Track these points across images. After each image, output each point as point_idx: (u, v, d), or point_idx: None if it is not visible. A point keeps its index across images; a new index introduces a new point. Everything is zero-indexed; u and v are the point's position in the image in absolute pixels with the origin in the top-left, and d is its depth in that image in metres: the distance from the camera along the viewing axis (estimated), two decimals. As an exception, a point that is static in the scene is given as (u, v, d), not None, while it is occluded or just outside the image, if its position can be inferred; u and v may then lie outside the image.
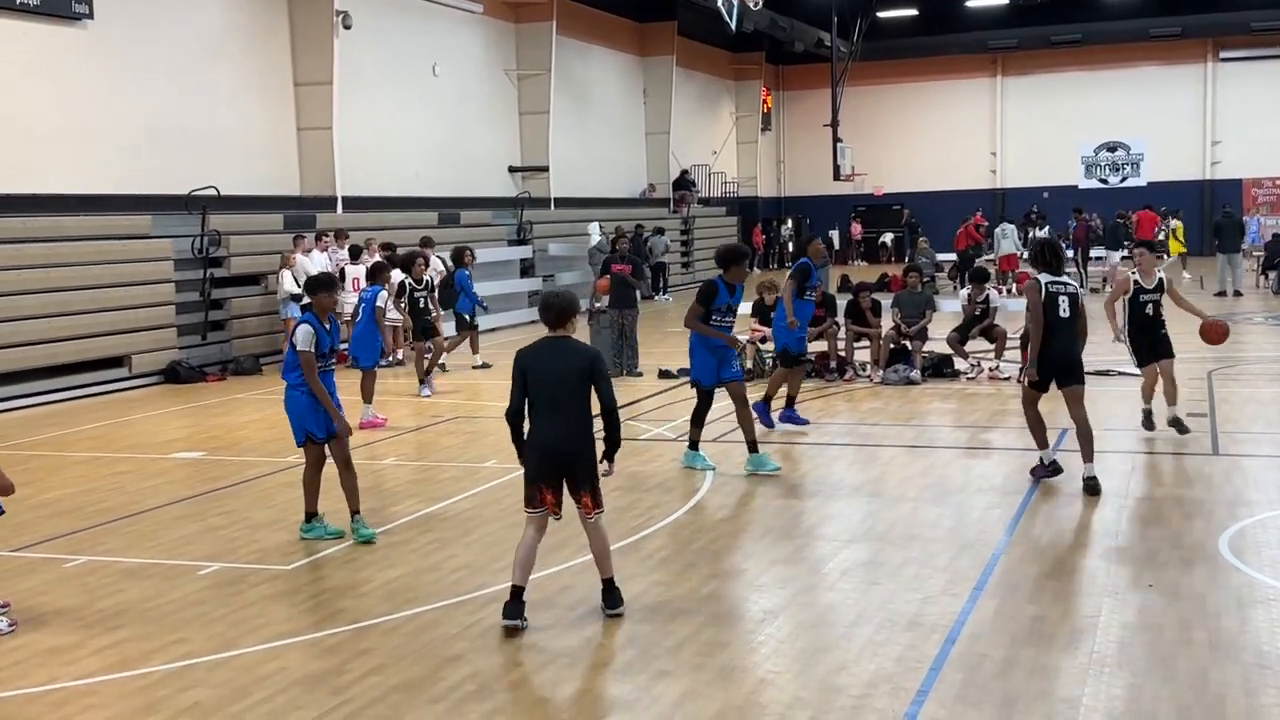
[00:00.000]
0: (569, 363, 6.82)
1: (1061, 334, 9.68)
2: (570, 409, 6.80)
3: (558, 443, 6.83)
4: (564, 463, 6.86)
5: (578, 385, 6.79)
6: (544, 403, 6.84)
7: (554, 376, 6.82)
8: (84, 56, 18.55)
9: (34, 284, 16.46)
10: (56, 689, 6.14)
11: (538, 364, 6.88)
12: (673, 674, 6.12)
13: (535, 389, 6.85)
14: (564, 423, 6.81)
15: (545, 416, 6.85)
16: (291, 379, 8.65)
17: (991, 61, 46.37)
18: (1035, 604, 7.06)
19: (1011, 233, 30.04)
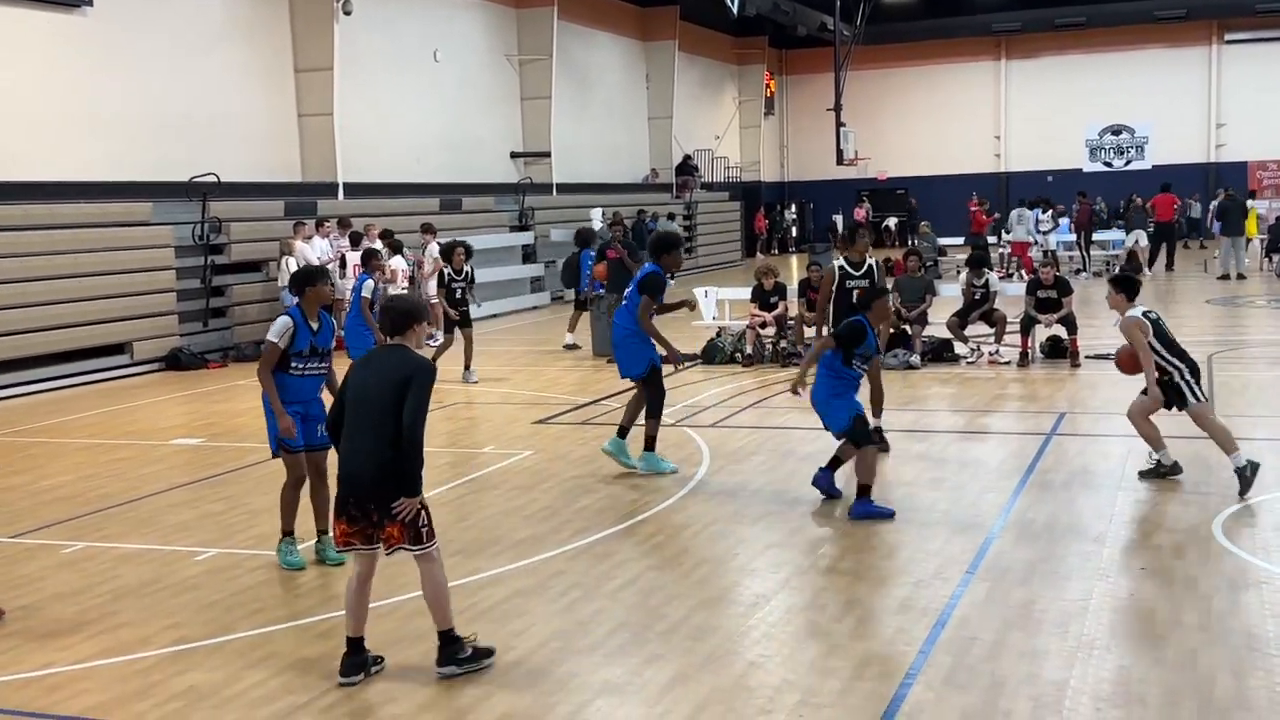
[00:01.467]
0: (389, 375, 5.83)
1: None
2: (374, 429, 5.80)
3: (359, 467, 5.84)
4: (365, 492, 5.84)
5: (392, 401, 5.78)
6: (350, 420, 5.93)
7: (365, 390, 5.90)
8: (83, 43, 18.56)
9: (36, 271, 16.50)
10: (51, 674, 6.19)
11: (356, 374, 6.02)
12: (664, 657, 6.16)
13: (349, 404, 5.96)
14: (364, 445, 5.83)
15: (346, 435, 5.94)
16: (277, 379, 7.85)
17: (996, 44, 46.23)
18: (1026, 587, 7.08)
19: (1029, 219, 29.26)
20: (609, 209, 29.23)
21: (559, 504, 9.34)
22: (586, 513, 9.06)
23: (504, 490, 9.93)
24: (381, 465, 5.77)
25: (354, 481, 5.84)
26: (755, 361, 16.51)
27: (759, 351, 16.67)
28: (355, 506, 5.86)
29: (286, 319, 7.81)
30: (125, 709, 5.73)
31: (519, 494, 9.76)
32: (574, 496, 9.55)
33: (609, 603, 7.02)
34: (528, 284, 27.13)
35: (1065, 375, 14.99)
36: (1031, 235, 29.13)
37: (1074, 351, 15.56)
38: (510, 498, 9.68)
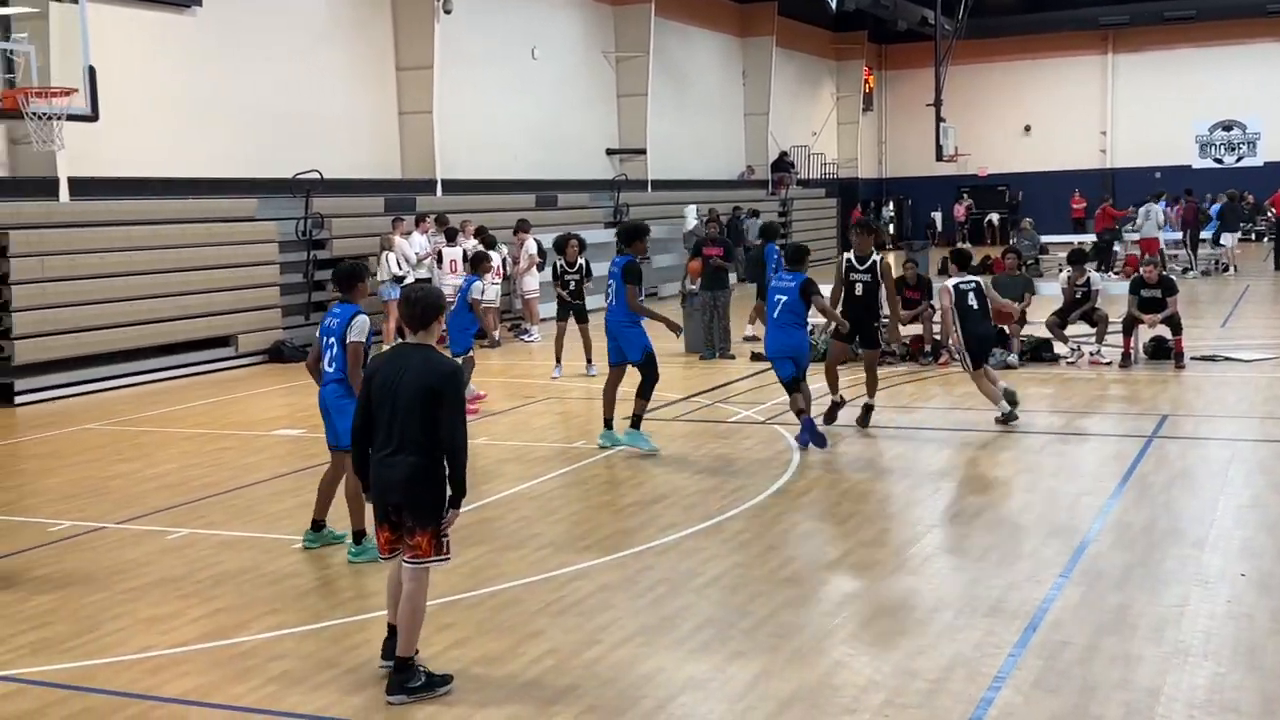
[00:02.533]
0: (417, 378, 5.61)
1: None
2: (406, 434, 5.63)
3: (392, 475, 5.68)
4: (398, 499, 5.69)
5: (422, 406, 5.59)
6: (381, 427, 5.73)
7: (394, 394, 5.66)
8: (192, 43, 19.06)
9: (145, 265, 16.99)
10: (153, 656, 6.39)
11: (381, 377, 5.76)
12: (747, 654, 6.16)
13: (375, 407, 5.75)
14: (397, 450, 5.66)
15: (377, 439, 5.76)
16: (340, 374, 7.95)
17: (1102, 38, 45.22)
18: (1121, 592, 6.95)
19: (1155, 214, 28.55)
20: (703, 206, 29.22)
21: (647, 499, 9.38)
22: (674, 509, 9.09)
23: (594, 485, 10.01)
24: (414, 472, 5.63)
25: (389, 489, 5.70)
26: (848, 360, 16.35)
27: (852, 349, 16.50)
28: (395, 513, 5.74)
29: (365, 318, 7.98)
30: (223, 692, 5.89)
31: (608, 489, 9.83)
32: (663, 493, 9.59)
33: (695, 599, 7.05)
34: (622, 280, 27.18)
35: (1168, 377, 14.64)
36: (1162, 231, 28.34)
37: (1178, 353, 15.19)
38: (600, 492, 9.76)
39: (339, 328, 7.95)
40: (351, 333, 7.86)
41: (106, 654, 6.44)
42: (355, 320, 7.89)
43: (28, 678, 6.13)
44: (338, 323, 7.98)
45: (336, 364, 8.00)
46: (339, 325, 7.96)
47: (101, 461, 11.48)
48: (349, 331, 7.88)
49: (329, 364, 8.07)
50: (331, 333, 8.01)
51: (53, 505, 9.78)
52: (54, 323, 15.65)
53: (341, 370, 7.95)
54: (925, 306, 16.39)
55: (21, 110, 14.21)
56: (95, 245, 16.41)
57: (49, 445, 12.49)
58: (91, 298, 16.18)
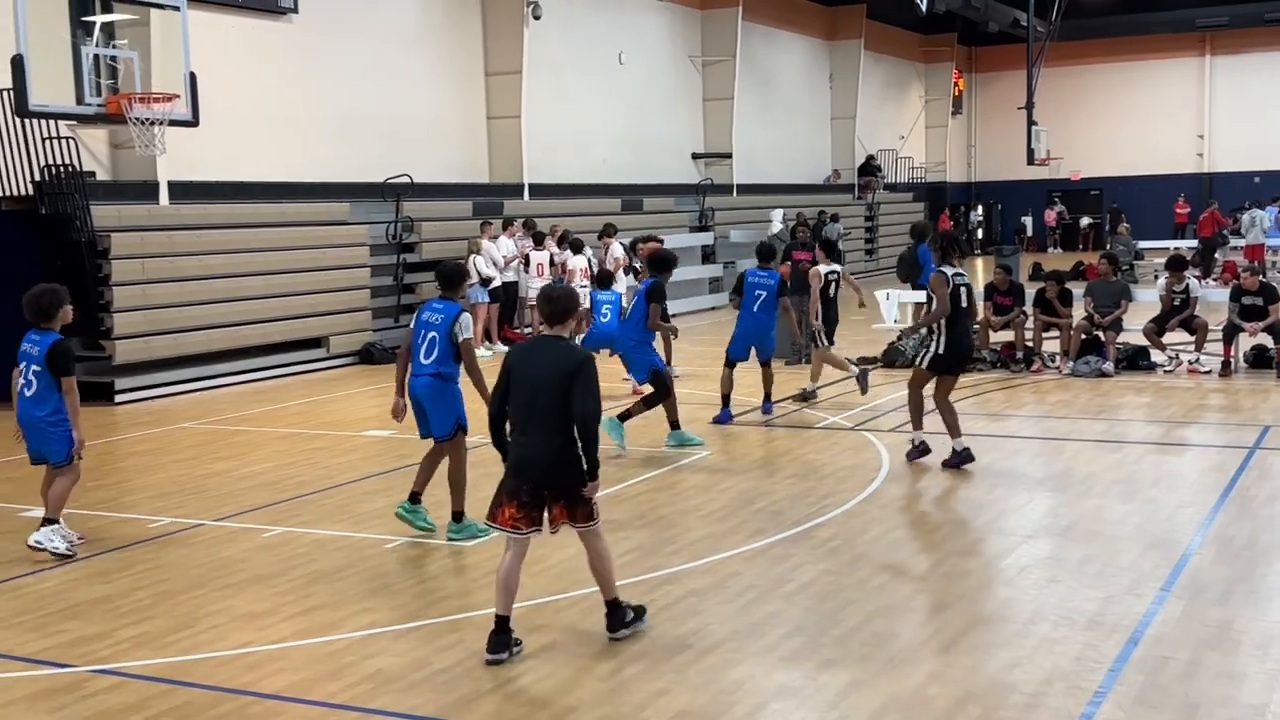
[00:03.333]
0: (553, 366, 6.10)
1: None
2: (546, 418, 6.10)
3: (534, 456, 6.14)
4: (541, 478, 6.15)
5: (561, 392, 6.05)
6: (520, 411, 6.20)
7: (534, 381, 6.14)
8: (289, 49, 19.43)
9: (241, 267, 17.34)
10: (250, 652, 6.50)
11: (521, 366, 6.22)
12: (839, 663, 6.10)
13: (514, 393, 6.22)
14: (537, 433, 6.13)
15: (517, 425, 6.22)
16: (449, 369, 8.30)
17: (1200, 40, 44.20)
18: (1224, 606, 6.77)
19: (1261, 220, 27.73)
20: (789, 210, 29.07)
21: (735, 504, 9.34)
22: (763, 514, 9.04)
23: (681, 489, 9.99)
24: (556, 452, 6.10)
25: (529, 468, 6.11)
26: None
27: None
28: (528, 494, 6.12)
29: (469, 315, 8.42)
30: (319, 689, 5.97)
31: (696, 493, 9.81)
32: (751, 498, 9.54)
33: (785, 605, 7.00)
34: (706, 284, 27.17)
35: (1271, 386, 14.25)
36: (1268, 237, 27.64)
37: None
38: (687, 497, 9.74)
39: (443, 323, 8.24)
40: (463, 330, 8.22)
41: (205, 649, 6.56)
42: (463, 317, 8.25)
43: (129, 671, 6.27)
44: (441, 318, 8.28)
45: (435, 356, 8.27)
46: (443, 321, 8.26)
47: (199, 460, 11.73)
48: (458, 328, 8.20)
49: (425, 356, 8.31)
50: (433, 327, 8.28)
51: (152, 502, 10.01)
52: (153, 323, 16.03)
53: (438, 364, 8.26)
54: (1018, 313, 16.14)
55: (125, 115, 14.57)
56: (193, 248, 16.79)
57: (148, 443, 12.79)
58: (189, 299, 16.55)
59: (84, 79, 14.51)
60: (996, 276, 16.84)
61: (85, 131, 16.31)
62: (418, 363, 8.37)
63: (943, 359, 10.27)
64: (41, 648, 6.63)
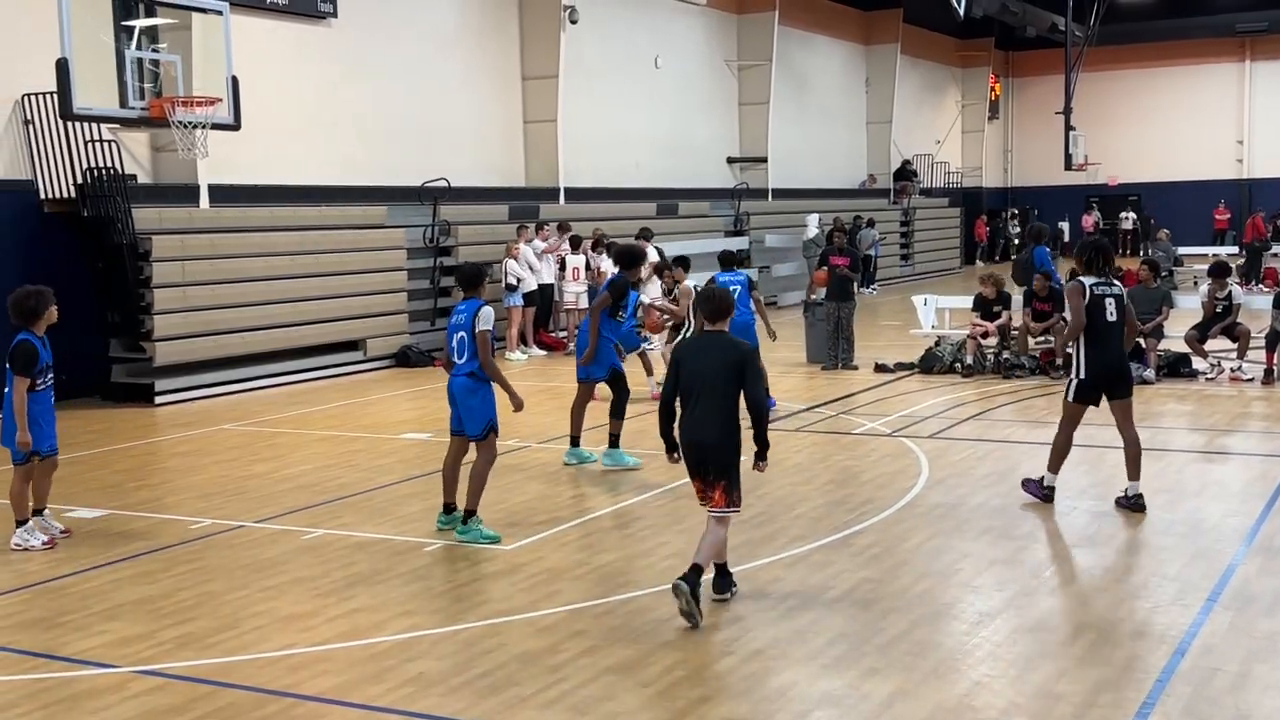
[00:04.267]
0: (720, 358, 6.91)
1: None
2: (714, 404, 6.87)
3: (704, 436, 6.93)
4: (708, 456, 6.94)
5: (726, 382, 6.87)
6: (692, 398, 6.94)
7: (703, 373, 6.91)
8: (327, 53, 19.53)
9: (281, 270, 17.45)
10: (293, 654, 6.52)
11: (690, 360, 7.01)
12: (883, 672, 6.06)
13: (685, 383, 6.98)
14: (707, 417, 6.91)
15: (688, 410, 7.00)
16: (472, 366, 8.51)
17: (1239, 45, 43.76)
18: (1272, 618, 6.68)
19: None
20: (825, 215, 28.99)
21: (775, 510, 9.30)
22: (802, 521, 9.00)
23: (720, 495, 9.94)
24: (722, 434, 6.87)
25: (701, 448, 6.93)
26: (975, 372, 16.10)
27: (979, 362, 16.24)
28: (701, 468, 6.96)
29: (490, 309, 8.69)
30: (360, 691, 5.98)
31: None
32: (790, 504, 9.50)
33: (826, 613, 6.96)
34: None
35: (1315, 395, 14.08)
36: None
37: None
38: (726, 502, 9.68)
39: (467, 321, 8.57)
40: (480, 323, 8.49)
41: (248, 650, 6.59)
42: (482, 311, 8.55)
43: (173, 672, 6.31)
44: (464, 317, 8.61)
45: (466, 355, 8.58)
46: (467, 319, 8.59)
47: (239, 461, 11.79)
48: (477, 321, 8.50)
49: (458, 356, 8.65)
50: (461, 327, 8.63)
51: (193, 503, 10.07)
52: (193, 325, 16.15)
53: (471, 363, 8.53)
54: (1057, 319, 16.02)
55: (167, 119, 14.69)
56: (233, 251, 16.90)
57: (189, 444, 12.88)
58: (228, 302, 16.66)
59: (127, 82, 14.63)
60: (1036, 282, 16.72)
61: (127, 134, 16.46)
62: (455, 362, 8.71)
63: (1085, 385, 9.08)
64: (84, 648, 6.67)
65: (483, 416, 8.58)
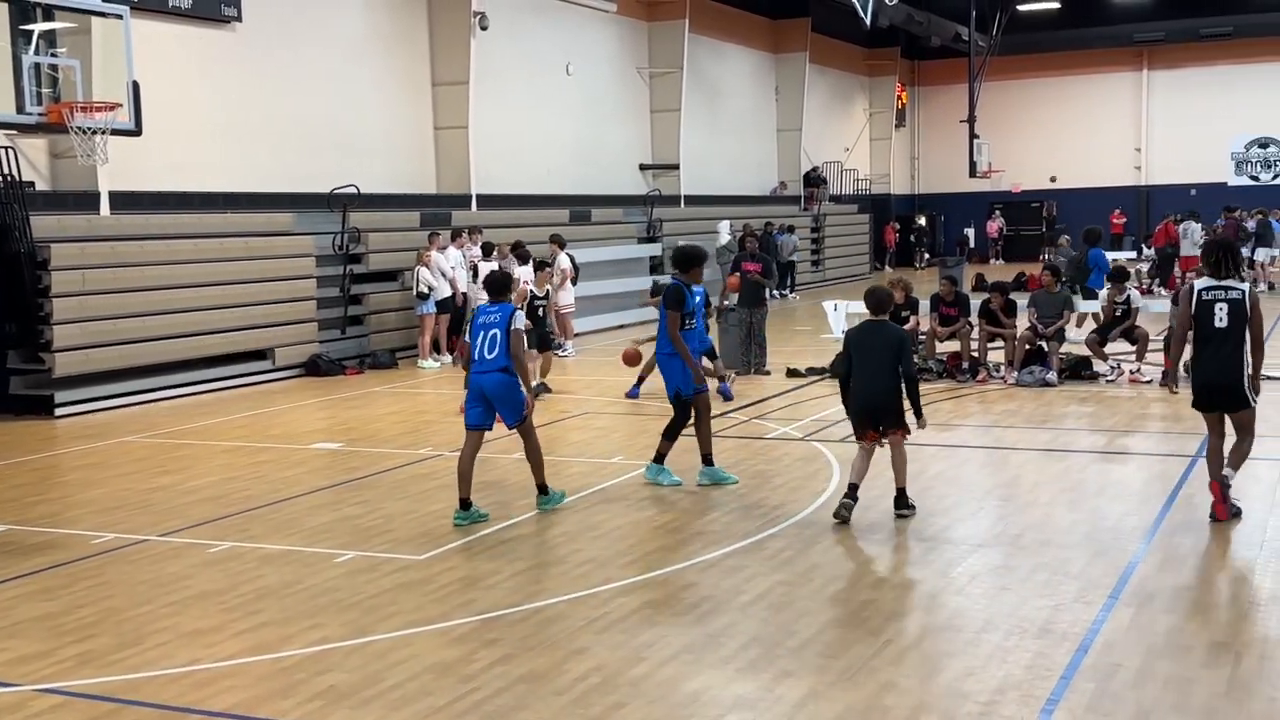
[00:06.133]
0: (886, 340, 9.00)
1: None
2: (881, 375, 8.94)
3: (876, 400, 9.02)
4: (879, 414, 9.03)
5: (890, 357, 8.90)
6: (862, 370, 9.01)
7: (874, 351, 8.95)
8: (232, 58, 19.21)
9: (184, 279, 17.09)
10: (198, 670, 6.39)
11: (859, 342, 9.12)
12: (795, 674, 6.11)
13: (858, 359, 9.05)
14: (875, 384, 8.98)
15: (862, 381, 9.01)
16: (505, 361, 9.28)
17: (1137, 55, 44.93)
18: (1172, 614, 6.86)
19: (1194, 232, 28.36)
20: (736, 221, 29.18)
21: (688, 516, 9.34)
22: (716, 525, 9.05)
23: (634, 501, 9.97)
24: (889, 396, 8.96)
25: (875, 408, 9.02)
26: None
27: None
28: (872, 422, 9.01)
29: (521, 313, 9.64)
30: (269, 706, 5.88)
31: (648, 505, 9.79)
32: (702, 509, 9.55)
33: (739, 617, 7.00)
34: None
35: (1210, 395, 14.47)
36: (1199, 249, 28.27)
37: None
38: (640, 508, 9.72)
39: (502, 321, 9.33)
40: (516, 322, 9.35)
41: (152, 667, 6.45)
42: (516, 314, 9.47)
43: (75, 690, 6.15)
44: (499, 317, 9.35)
45: (497, 352, 9.28)
46: (501, 319, 9.34)
47: (143, 474, 11.54)
48: (514, 321, 9.32)
49: (489, 353, 9.30)
50: (492, 326, 9.35)
51: (95, 517, 9.83)
52: (93, 335, 15.76)
53: (503, 359, 9.26)
54: (963, 323, 16.31)
55: (66, 124, 14.34)
56: (135, 259, 16.53)
57: (90, 457, 12.58)
58: (131, 311, 16.29)
59: (24, 88, 14.26)
60: (942, 287, 17.02)
61: (24, 141, 16.00)
62: (482, 360, 9.32)
63: (1193, 393, 8.91)
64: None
65: (520, 405, 9.40)
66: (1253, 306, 8.54)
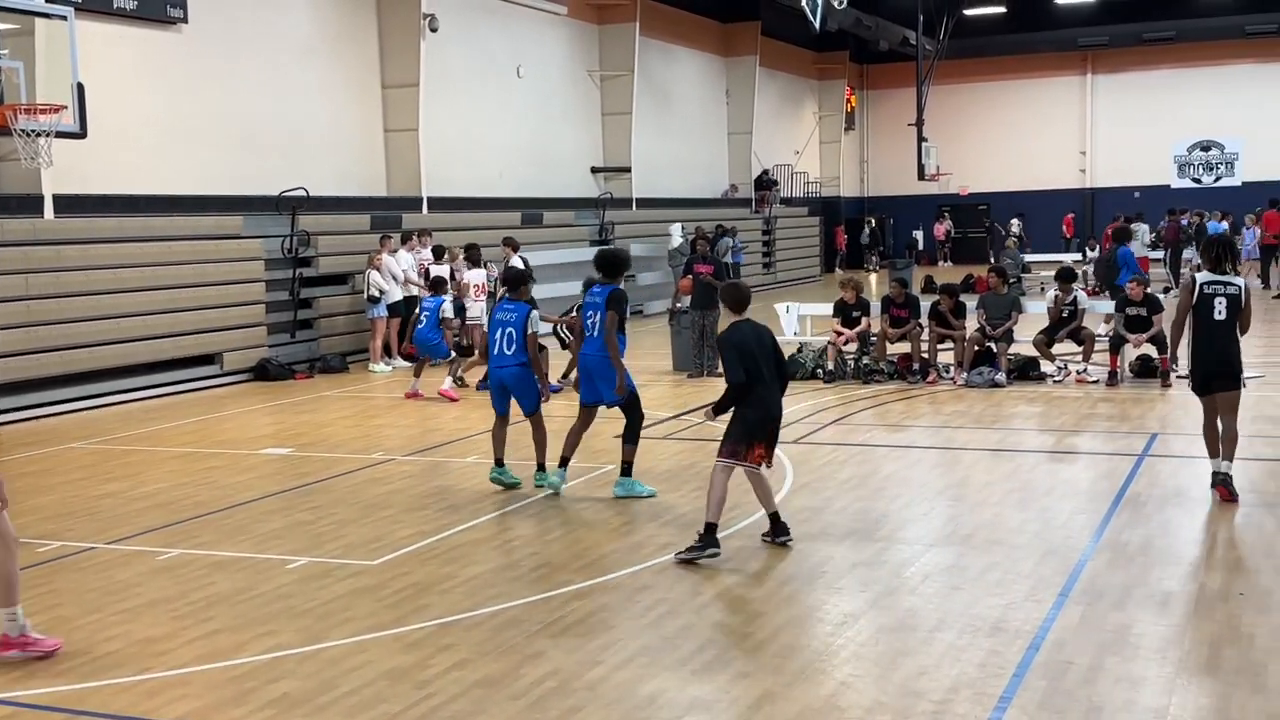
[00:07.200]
0: (773, 342, 8.36)
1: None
2: (776, 383, 8.29)
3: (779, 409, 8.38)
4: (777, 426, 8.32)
5: (776, 361, 8.31)
6: (762, 373, 8.16)
7: (765, 353, 8.20)
8: (178, 60, 19.00)
9: (130, 283, 16.89)
10: (149, 679, 6.31)
11: (750, 344, 8.19)
12: (751, 675, 6.13)
13: (755, 363, 8.16)
14: (775, 393, 8.30)
15: (762, 386, 8.15)
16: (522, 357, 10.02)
17: (1082, 59, 45.54)
18: (1121, 611, 6.95)
19: (1142, 234, 28.84)
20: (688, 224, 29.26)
21: (642, 518, 9.35)
22: (670, 528, 9.05)
23: (588, 504, 9.97)
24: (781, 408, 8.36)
25: (776, 416, 8.31)
26: (836, 378, 16.41)
27: (840, 368, 16.56)
28: (768, 438, 8.24)
29: (538, 312, 10.18)
30: (221, 715, 5.82)
31: (603, 508, 9.79)
32: (657, 512, 9.55)
33: (695, 619, 7.01)
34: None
35: (1155, 395, 14.71)
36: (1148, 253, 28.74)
37: (1164, 371, 15.26)
38: (594, 511, 9.72)
39: (517, 320, 9.93)
40: (532, 325, 9.93)
41: (102, 676, 6.36)
42: (533, 315, 9.96)
43: (24, 701, 6.05)
44: (515, 317, 9.95)
45: (514, 349, 9.95)
46: (518, 319, 9.94)
47: (89, 481, 11.38)
48: (530, 324, 9.89)
49: (507, 349, 9.98)
50: (509, 324, 9.96)
51: (41, 525, 9.67)
52: (37, 340, 15.53)
53: (520, 354, 9.95)
54: (913, 325, 16.44)
55: (9, 127, 14.12)
56: (80, 263, 16.32)
57: (35, 464, 12.38)
58: (76, 316, 16.07)
59: (-35, 89, 14.02)
60: (892, 289, 17.15)
61: (-35, 143, 15.76)
62: (501, 356, 10.01)
63: (1192, 378, 9.48)
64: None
65: (536, 395, 10.15)
66: (1246, 300, 9.31)
